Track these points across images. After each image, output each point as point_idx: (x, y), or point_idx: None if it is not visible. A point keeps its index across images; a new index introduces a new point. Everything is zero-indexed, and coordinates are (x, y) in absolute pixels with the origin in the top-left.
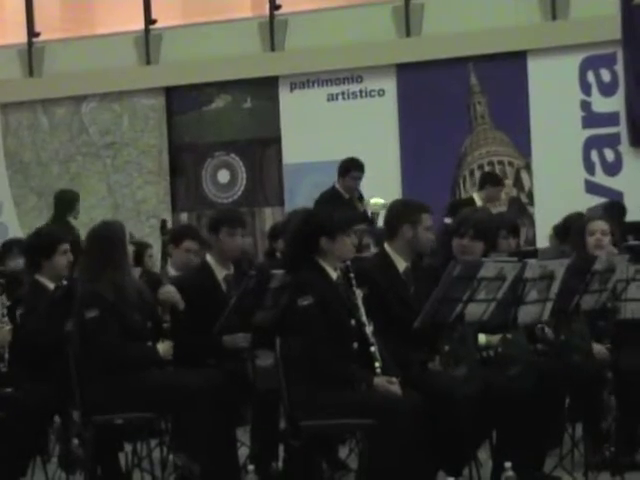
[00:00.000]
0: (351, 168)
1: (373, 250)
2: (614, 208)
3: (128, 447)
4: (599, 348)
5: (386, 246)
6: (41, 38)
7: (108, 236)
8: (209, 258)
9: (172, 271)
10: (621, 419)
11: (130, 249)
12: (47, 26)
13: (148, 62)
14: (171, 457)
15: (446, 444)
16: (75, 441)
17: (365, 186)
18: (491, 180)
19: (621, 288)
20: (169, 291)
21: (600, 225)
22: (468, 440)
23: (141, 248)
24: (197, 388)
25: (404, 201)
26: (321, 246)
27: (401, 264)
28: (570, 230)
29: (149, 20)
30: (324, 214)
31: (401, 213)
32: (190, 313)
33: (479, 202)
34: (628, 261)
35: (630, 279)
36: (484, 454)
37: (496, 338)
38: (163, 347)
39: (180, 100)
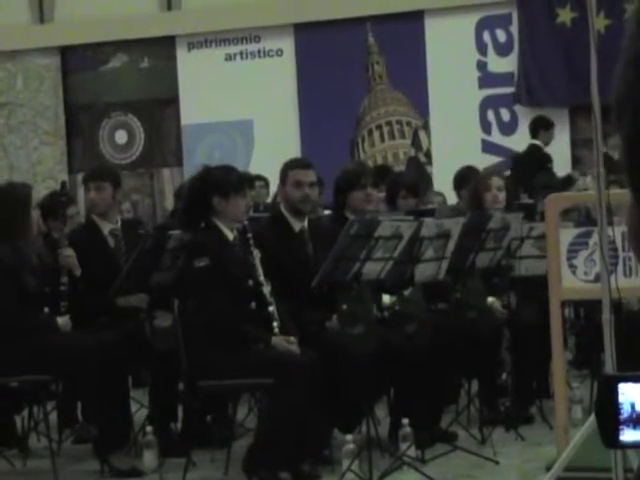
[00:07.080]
0: None
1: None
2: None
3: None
4: (496, 305)
5: (282, 207)
6: None
7: (10, 198)
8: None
9: None
10: (516, 374)
11: (36, 213)
12: None
13: (42, 20)
14: None
15: (343, 402)
16: None
17: (263, 146)
18: (544, 124)
19: (515, 246)
20: (68, 255)
21: (496, 181)
22: (365, 398)
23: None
24: (89, 348)
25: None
26: (214, 205)
27: (296, 224)
28: (462, 184)
29: None
30: (219, 173)
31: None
32: (82, 270)
33: (543, 148)
34: (522, 219)
35: (524, 237)
36: (382, 411)
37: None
38: (63, 321)
39: (76, 60)
